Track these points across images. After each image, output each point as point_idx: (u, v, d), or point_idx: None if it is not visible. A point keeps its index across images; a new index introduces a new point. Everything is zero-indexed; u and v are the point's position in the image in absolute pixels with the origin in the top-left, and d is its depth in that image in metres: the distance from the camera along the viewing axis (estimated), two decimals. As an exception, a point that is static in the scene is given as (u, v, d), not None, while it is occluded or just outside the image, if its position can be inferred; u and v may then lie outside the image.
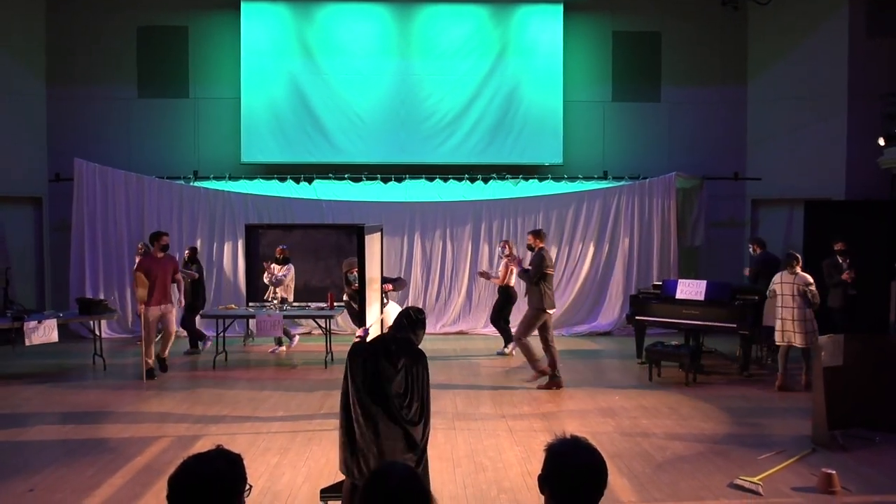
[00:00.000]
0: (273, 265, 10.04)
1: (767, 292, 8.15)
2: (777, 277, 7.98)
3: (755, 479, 5.09)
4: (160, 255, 8.74)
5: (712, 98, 12.70)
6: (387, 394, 3.83)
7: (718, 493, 5.00)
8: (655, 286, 9.91)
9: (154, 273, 8.53)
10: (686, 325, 8.99)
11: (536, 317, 8.02)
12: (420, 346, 4.05)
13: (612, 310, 11.83)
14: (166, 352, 8.92)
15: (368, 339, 4.55)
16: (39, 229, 12.30)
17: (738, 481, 5.12)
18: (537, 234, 8.27)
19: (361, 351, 3.98)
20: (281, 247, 10.20)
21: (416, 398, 3.90)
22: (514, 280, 9.83)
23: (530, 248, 8.31)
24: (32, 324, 8.43)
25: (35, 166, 12.07)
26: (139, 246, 10.12)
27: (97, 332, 9.35)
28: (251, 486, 2.16)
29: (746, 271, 10.27)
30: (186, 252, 10.54)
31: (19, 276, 11.66)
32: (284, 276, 10.01)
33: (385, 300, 7.09)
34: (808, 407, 6.49)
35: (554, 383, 8.00)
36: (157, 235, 8.87)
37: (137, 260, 9.28)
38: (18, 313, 8.73)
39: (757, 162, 12.58)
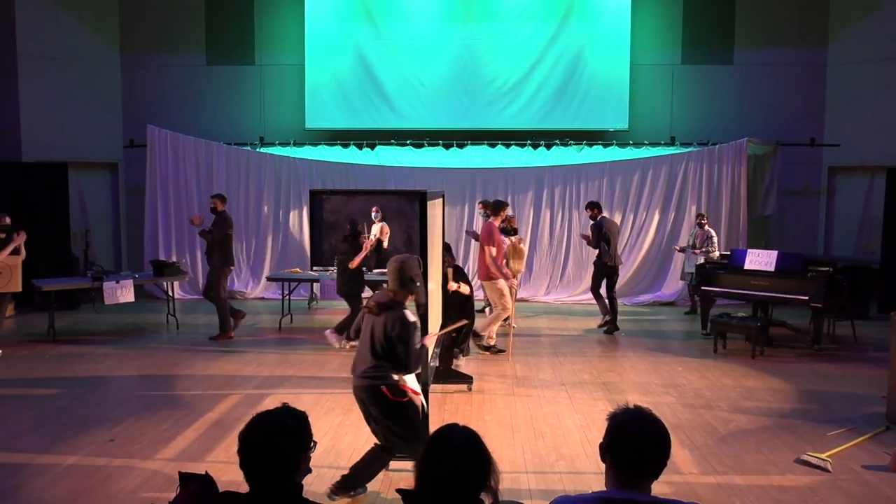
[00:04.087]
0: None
1: None
2: None
3: (824, 456, 4.95)
4: (499, 224, 8.13)
5: (789, 60, 12.11)
6: None
7: (784, 469, 4.88)
8: (723, 256, 9.63)
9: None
10: (754, 296, 8.71)
11: (224, 274, 8.70)
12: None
13: (676, 280, 11.56)
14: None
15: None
16: (116, 193, 12.84)
17: (806, 457, 4.99)
18: (220, 197, 8.85)
19: None
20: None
21: None
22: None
23: (213, 210, 8.77)
24: (111, 284, 8.86)
25: (111, 133, 12.54)
26: None
27: (170, 293, 9.74)
28: (316, 443, 2.22)
29: (584, 236, 9.94)
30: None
31: (97, 239, 12.24)
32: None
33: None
34: (882, 383, 6.24)
35: (226, 335, 8.72)
36: (503, 205, 8.18)
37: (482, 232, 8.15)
38: (98, 274, 9.19)
39: (835, 127, 11.98)
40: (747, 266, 8.73)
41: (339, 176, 11.91)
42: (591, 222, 9.57)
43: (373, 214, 10.16)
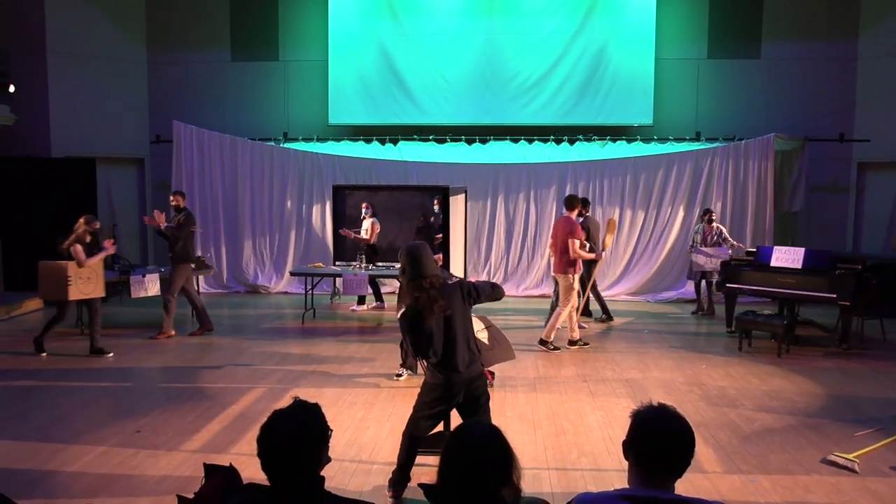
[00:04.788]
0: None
1: None
2: None
3: (851, 456, 4.88)
4: (575, 216, 8.24)
5: (818, 54, 11.90)
6: None
7: (810, 469, 4.82)
8: (749, 253, 9.51)
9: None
10: (781, 294, 8.59)
11: (184, 271, 8.63)
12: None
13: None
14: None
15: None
16: (142, 188, 13.02)
17: (833, 457, 4.92)
18: (182, 194, 8.97)
19: None
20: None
21: None
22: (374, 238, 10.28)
23: (176, 207, 8.79)
24: (137, 278, 8.98)
25: (137, 129, 12.72)
26: (86, 224, 7.70)
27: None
28: (332, 431, 2.23)
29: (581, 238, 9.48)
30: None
31: (124, 233, 12.41)
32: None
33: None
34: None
35: (206, 328, 8.79)
36: (576, 199, 8.30)
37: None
38: (125, 268, 9.32)
39: (866, 122, 11.76)
40: (774, 263, 8.61)
41: (362, 171, 11.95)
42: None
43: (363, 210, 10.24)
